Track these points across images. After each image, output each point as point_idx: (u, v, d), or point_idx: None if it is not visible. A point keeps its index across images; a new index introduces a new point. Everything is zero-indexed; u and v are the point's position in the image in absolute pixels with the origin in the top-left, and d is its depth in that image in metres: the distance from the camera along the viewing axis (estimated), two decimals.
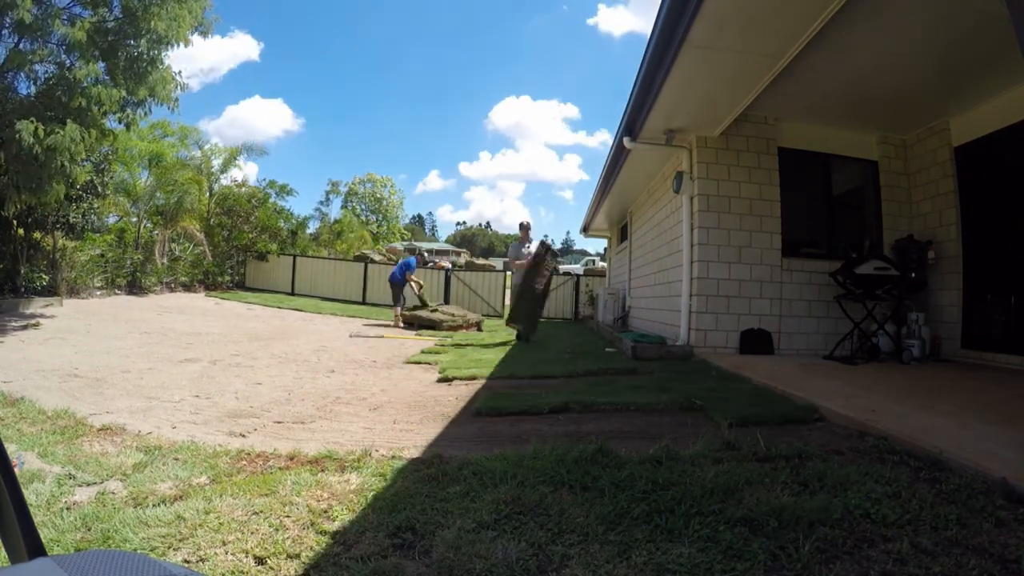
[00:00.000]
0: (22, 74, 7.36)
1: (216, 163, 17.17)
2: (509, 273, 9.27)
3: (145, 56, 7.11)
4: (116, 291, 11.48)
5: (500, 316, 13.61)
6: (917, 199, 5.91)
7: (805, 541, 1.49)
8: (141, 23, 6.87)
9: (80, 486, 2.02)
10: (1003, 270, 4.93)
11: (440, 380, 4.49)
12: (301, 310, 11.70)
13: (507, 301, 14.83)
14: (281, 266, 15.68)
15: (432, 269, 15.61)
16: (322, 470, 2.17)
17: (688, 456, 2.20)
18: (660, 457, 2.18)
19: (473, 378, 4.43)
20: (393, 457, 2.33)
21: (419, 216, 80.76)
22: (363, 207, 40.63)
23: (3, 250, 8.98)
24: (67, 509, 1.79)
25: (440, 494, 1.88)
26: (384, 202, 41.02)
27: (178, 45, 7.50)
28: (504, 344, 7.00)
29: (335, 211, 38.45)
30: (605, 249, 16.07)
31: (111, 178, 11.64)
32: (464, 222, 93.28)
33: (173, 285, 13.37)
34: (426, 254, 26.97)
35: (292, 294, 15.07)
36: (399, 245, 36.06)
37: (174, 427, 2.92)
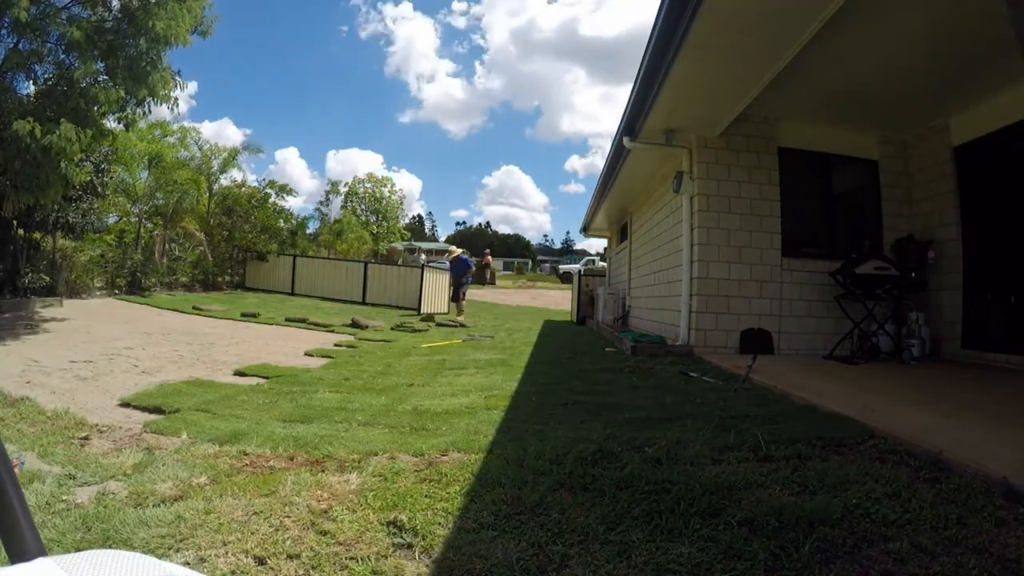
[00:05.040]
0: (21, 74, 7.35)
1: (215, 163, 17.17)
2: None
3: (145, 56, 7.10)
4: (116, 291, 11.48)
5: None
6: (917, 199, 5.91)
7: (805, 541, 1.49)
8: (140, 22, 6.86)
9: (80, 486, 2.02)
10: (1003, 270, 4.93)
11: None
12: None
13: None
14: (281, 266, 15.66)
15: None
16: (322, 470, 2.17)
17: (688, 456, 2.20)
18: (660, 457, 2.18)
19: None
20: (392, 458, 2.33)
21: (419, 216, 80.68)
22: (363, 207, 40.57)
23: (3, 251, 8.97)
24: (67, 509, 1.79)
25: (440, 494, 1.88)
26: (384, 202, 40.93)
27: (177, 45, 7.49)
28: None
29: (335, 211, 38.35)
30: (605, 249, 16.07)
31: (111, 178, 11.64)
32: (464, 222, 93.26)
33: (174, 285, 13.34)
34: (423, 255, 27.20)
35: (292, 294, 15.06)
36: (399, 245, 36.04)
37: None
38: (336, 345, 7.00)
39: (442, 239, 75.12)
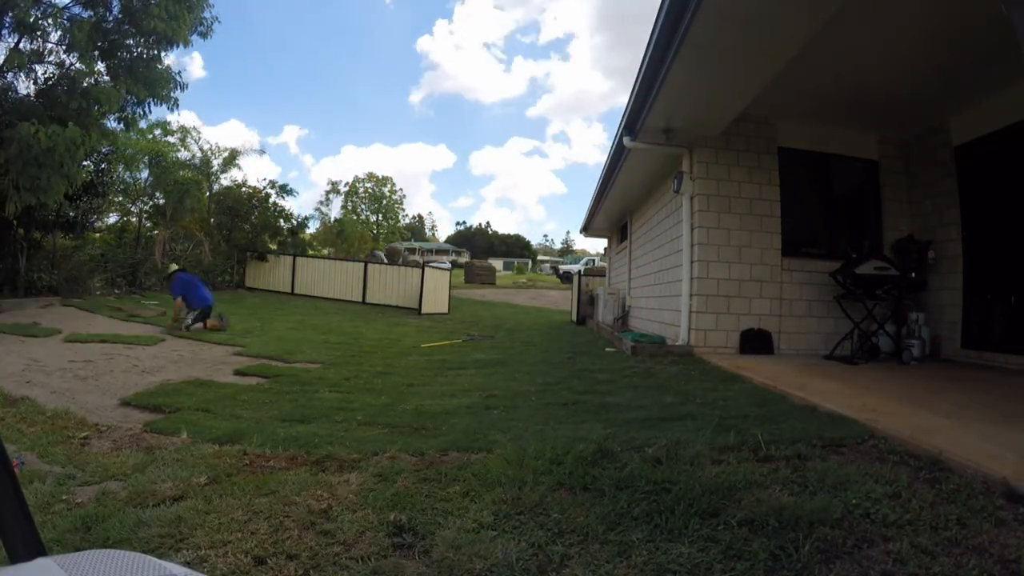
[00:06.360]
0: (22, 74, 7.36)
1: (216, 163, 17.18)
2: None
3: (145, 56, 7.11)
4: (116, 291, 11.47)
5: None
6: (917, 199, 5.91)
7: (805, 541, 1.49)
8: (141, 23, 6.87)
9: (80, 486, 2.02)
10: (1003, 270, 4.93)
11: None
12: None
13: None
14: (281, 266, 15.67)
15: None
16: (322, 470, 2.17)
17: (688, 456, 2.20)
18: (660, 457, 2.18)
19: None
20: (392, 458, 2.33)
21: (419, 216, 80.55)
22: (363, 207, 40.63)
23: (3, 250, 8.97)
24: (67, 509, 1.79)
25: (440, 494, 1.88)
26: (384, 201, 40.99)
27: (178, 45, 7.50)
28: None
29: (335, 211, 38.41)
30: (605, 249, 16.07)
31: (111, 178, 11.65)
32: (464, 221, 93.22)
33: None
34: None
35: (292, 294, 15.07)
36: (400, 245, 36.11)
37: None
38: None
39: (442, 239, 75.12)
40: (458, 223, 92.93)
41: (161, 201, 14.64)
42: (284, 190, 17.54)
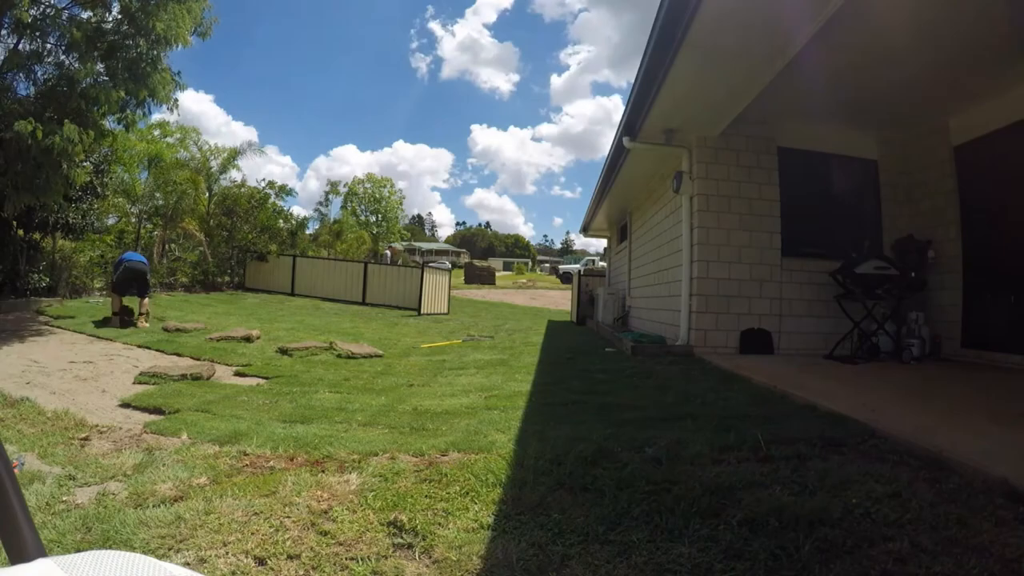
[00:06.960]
0: (21, 75, 7.35)
1: (215, 163, 17.18)
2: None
3: (145, 57, 7.10)
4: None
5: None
6: (917, 198, 5.91)
7: (805, 541, 1.49)
8: (140, 23, 6.86)
9: (80, 487, 2.02)
10: (1003, 270, 4.93)
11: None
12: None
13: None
14: (281, 267, 15.67)
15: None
16: (322, 470, 2.17)
17: (688, 456, 2.20)
18: (660, 457, 2.18)
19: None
20: (392, 458, 2.33)
21: (419, 216, 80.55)
22: (363, 208, 40.62)
23: (3, 252, 8.96)
24: (67, 510, 1.79)
25: (440, 494, 1.88)
26: (383, 202, 40.99)
27: (177, 46, 7.49)
28: None
29: (335, 211, 38.47)
30: (605, 249, 16.07)
31: (111, 179, 11.64)
32: (464, 222, 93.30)
33: (174, 285, 13.34)
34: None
35: (292, 294, 15.06)
36: (399, 245, 36.11)
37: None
38: None
39: (442, 239, 75.15)
40: (458, 223, 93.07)
41: (160, 202, 14.64)
42: (283, 191, 17.56)
